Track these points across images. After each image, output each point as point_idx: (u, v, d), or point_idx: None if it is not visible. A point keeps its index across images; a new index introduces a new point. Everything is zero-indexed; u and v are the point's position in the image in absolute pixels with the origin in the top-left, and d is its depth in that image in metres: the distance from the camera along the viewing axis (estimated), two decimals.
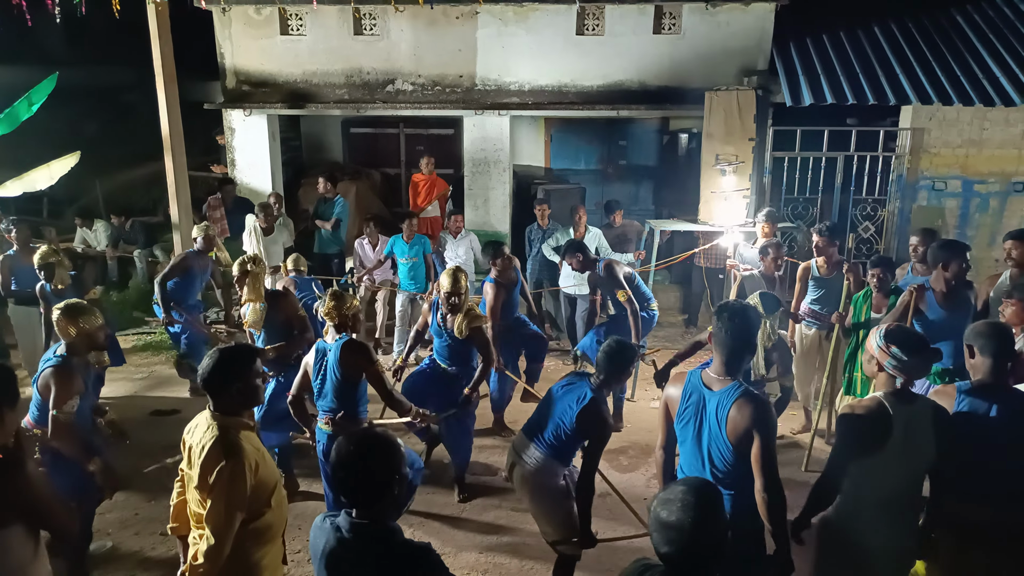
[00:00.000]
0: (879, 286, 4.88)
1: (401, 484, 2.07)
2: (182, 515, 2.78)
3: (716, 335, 2.83)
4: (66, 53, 13.33)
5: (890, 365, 2.80)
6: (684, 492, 1.86)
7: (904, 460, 2.78)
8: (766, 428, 2.69)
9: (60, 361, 3.60)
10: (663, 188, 11.57)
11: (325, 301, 3.96)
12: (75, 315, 3.69)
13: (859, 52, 8.66)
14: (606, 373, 3.51)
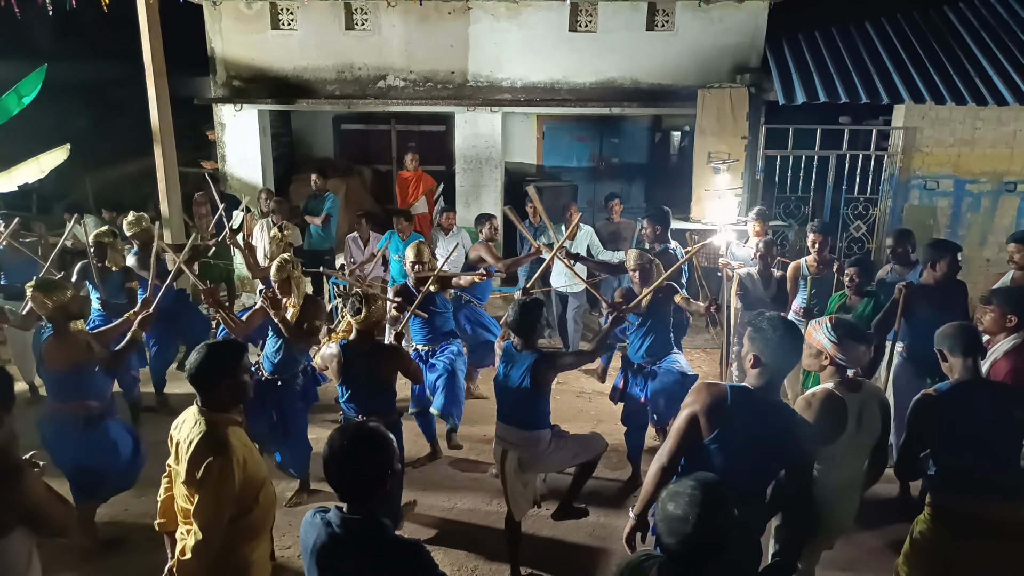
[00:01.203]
0: (853, 287, 4.89)
1: (393, 480, 2.07)
2: (170, 511, 2.76)
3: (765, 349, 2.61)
4: (56, 47, 13.21)
5: (842, 358, 2.91)
6: (693, 487, 1.90)
7: (858, 444, 2.93)
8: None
9: (48, 333, 3.97)
10: (655, 186, 11.58)
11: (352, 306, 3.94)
12: (48, 290, 3.91)
13: (852, 50, 8.67)
14: (523, 333, 3.72)
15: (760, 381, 2.60)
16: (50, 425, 3.99)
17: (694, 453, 2.63)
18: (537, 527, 4.47)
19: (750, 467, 2.55)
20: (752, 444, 2.50)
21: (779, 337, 2.55)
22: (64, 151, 7.38)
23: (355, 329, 3.96)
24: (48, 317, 3.94)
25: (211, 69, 9.53)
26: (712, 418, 2.54)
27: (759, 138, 8.24)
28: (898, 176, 8.17)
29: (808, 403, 2.93)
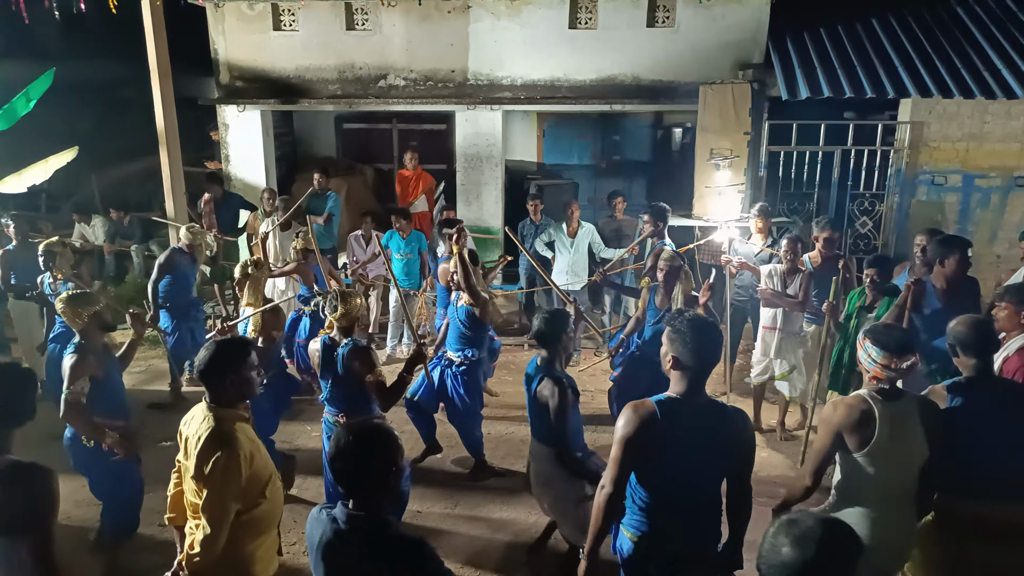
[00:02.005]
0: (873, 286, 4.87)
1: (397, 477, 2.08)
2: (179, 505, 2.80)
3: None
4: (63, 49, 13.26)
5: (871, 365, 2.81)
6: (821, 529, 1.62)
7: (893, 457, 2.75)
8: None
9: (74, 348, 3.78)
10: (657, 183, 11.59)
11: (330, 303, 3.89)
12: (78, 303, 3.84)
13: (857, 45, 8.63)
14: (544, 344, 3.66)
15: (683, 384, 2.53)
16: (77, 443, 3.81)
17: (642, 473, 2.56)
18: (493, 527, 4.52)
19: (699, 475, 2.53)
20: (695, 452, 2.47)
21: (697, 337, 2.49)
22: (72, 152, 7.43)
23: (335, 326, 3.93)
24: (81, 332, 3.83)
25: (214, 70, 9.58)
26: (648, 438, 2.46)
27: (762, 134, 8.24)
28: (905, 172, 8.15)
29: (834, 407, 2.86)
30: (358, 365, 3.74)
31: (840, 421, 2.78)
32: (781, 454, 5.52)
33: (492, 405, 6.32)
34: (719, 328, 2.66)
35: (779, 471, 5.22)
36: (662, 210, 6.43)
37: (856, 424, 2.76)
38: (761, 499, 4.65)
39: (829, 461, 2.85)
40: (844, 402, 2.86)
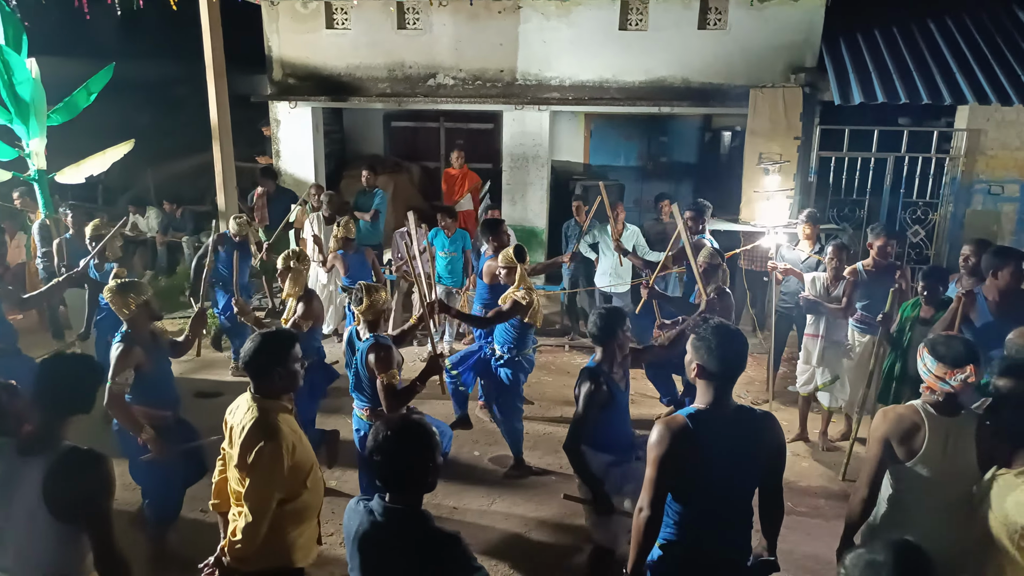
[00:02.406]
0: (928, 298, 4.72)
1: (434, 472, 2.11)
2: (223, 492, 2.86)
3: None
4: (123, 46, 13.72)
5: (926, 375, 2.73)
6: (894, 557, 1.69)
7: (942, 473, 2.67)
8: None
9: (121, 338, 3.80)
10: (704, 186, 11.42)
11: (355, 296, 3.94)
12: (127, 291, 3.83)
13: (913, 49, 8.39)
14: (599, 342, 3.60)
15: (710, 394, 2.49)
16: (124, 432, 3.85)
17: (676, 487, 2.51)
18: (527, 526, 4.50)
19: (733, 484, 2.48)
20: (729, 461, 2.44)
21: (722, 344, 2.44)
22: (128, 145, 7.69)
23: (361, 320, 3.95)
24: (129, 319, 3.82)
25: (268, 67, 9.79)
26: (682, 453, 2.42)
27: (813, 139, 8.07)
28: (960, 180, 7.90)
29: (884, 415, 2.80)
30: (373, 361, 3.75)
31: (888, 430, 2.72)
32: (822, 465, 5.39)
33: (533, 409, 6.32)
34: (743, 335, 2.60)
35: (819, 483, 5.10)
36: (702, 207, 6.55)
37: (904, 434, 2.70)
38: (800, 509, 4.60)
39: (883, 471, 2.78)
40: (895, 411, 2.80)
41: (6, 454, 2.32)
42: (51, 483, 2.24)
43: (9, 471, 2.29)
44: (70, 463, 2.28)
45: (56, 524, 2.24)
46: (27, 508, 2.23)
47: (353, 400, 4.08)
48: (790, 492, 4.62)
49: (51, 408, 2.38)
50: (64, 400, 2.40)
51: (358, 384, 3.96)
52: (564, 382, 6.91)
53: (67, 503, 2.25)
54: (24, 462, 2.28)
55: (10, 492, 2.27)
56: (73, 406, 2.42)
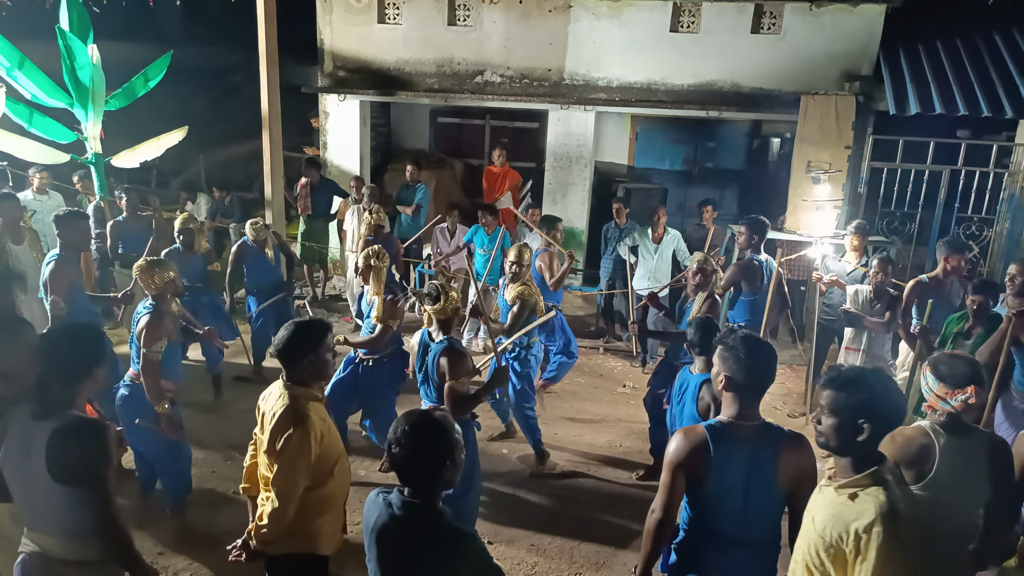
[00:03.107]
0: (977, 313, 4.56)
1: (452, 470, 2.09)
2: (253, 477, 2.91)
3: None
4: (181, 34, 14.14)
5: (927, 393, 2.71)
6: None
7: (951, 494, 2.61)
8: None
9: (151, 309, 4.06)
10: (750, 193, 11.24)
11: (429, 296, 3.90)
12: (153, 268, 4.13)
13: (975, 60, 8.10)
14: (705, 352, 3.60)
15: (736, 407, 2.43)
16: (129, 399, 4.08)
17: (694, 501, 2.49)
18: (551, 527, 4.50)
19: (753, 504, 2.41)
20: (748, 479, 2.37)
21: (751, 355, 2.39)
22: (182, 132, 7.89)
23: (434, 319, 3.92)
24: (153, 295, 4.11)
25: (319, 59, 9.94)
26: (698, 467, 2.38)
27: (865, 149, 7.86)
28: (1019, 196, 7.60)
29: (892, 437, 2.72)
30: (445, 365, 3.69)
31: (896, 453, 2.66)
32: None
33: (563, 409, 6.31)
34: (772, 347, 2.54)
35: None
36: (760, 224, 5.76)
37: (914, 457, 2.64)
38: None
39: None
40: (903, 432, 2.73)
41: (23, 419, 2.40)
42: (52, 448, 2.30)
43: (25, 435, 2.37)
44: (70, 429, 2.33)
45: (60, 488, 2.31)
46: (39, 470, 2.31)
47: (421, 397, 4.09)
48: None
49: (58, 375, 2.44)
50: (69, 367, 2.45)
51: (425, 381, 3.93)
52: (596, 384, 6.88)
53: (66, 468, 2.31)
54: (36, 427, 2.35)
55: (27, 455, 2.35)
56: (78, 373, 2.47)
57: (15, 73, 6.93)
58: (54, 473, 2.30)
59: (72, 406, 2.44)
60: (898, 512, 2.05)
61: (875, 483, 2.10)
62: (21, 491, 2.45)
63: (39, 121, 7.20)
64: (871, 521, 2.04)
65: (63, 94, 7.15)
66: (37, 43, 8.12)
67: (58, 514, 2.37)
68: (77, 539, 2.39)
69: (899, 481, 2.22)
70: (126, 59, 8.79)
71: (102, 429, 2.40)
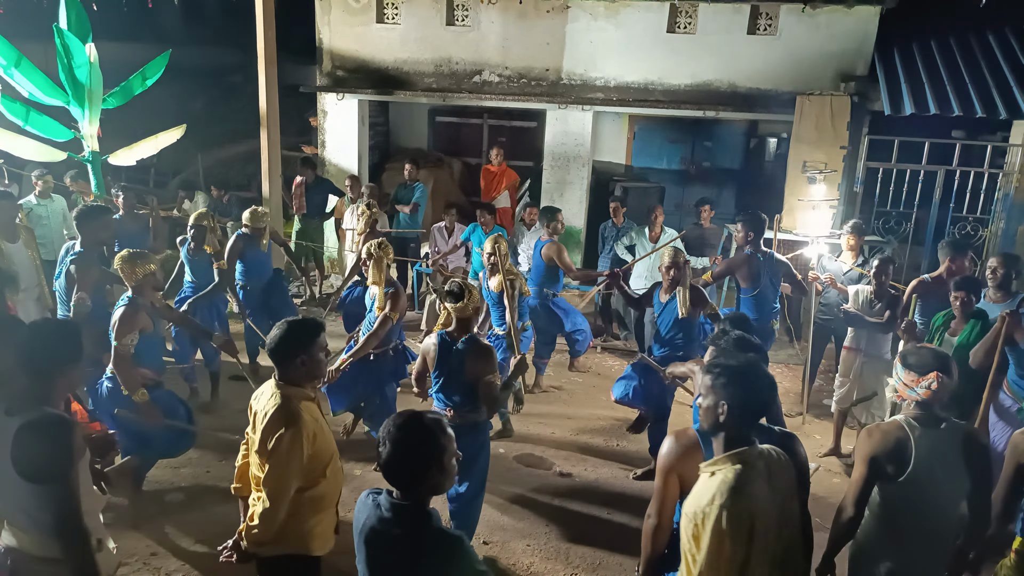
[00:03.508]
0: (962, 309, 4.58)
1: (440, 474, 2.06)
2: (245, 476, 2.91)
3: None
4: (180, 34, 14.14)
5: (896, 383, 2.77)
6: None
7: (931, 487, 2.64)
8: None
9: (127, 302, 4.18)
10: (746, 193, 11.27)
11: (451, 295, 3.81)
12: (135, 261, 4.24)
13: (970, 60, 8.13)
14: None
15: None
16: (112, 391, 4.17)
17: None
18: (547, 528, 4.51)
19: None
20: None
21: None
22: (180, 130, 7.90)
23: (454, 319, 3.83)
24: (133, 287, 4.22)
25: (318, 59, 9.95)
26: (691, 470, 2.36)
27: (860, 149, 7.89)
28: (1013, 196, 7.63)
29: (868, 433, 2.78)
30: (480, 366, 3.64)
31: (874, 448, 2.70)
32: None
33: (561, 408, 6.32)
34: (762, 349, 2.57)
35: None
36: (758, 220, 5.72)
37: (892, 451, 2.67)
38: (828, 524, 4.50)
39: (869, 490, 2.76)
40: (879, 428, 2.78)
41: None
42: (16, 443, 2.29)
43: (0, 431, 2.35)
44: (36, 426, 2.31)
45: (27, 484, 2.31)
46: (9, 467, 2.31)
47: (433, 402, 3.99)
48: (820, 508, 4.55)
49: (31, 372, 2.43)
50: (44, 364, 2.45)
51: (444, 387, 3.82)
52: (594, 383, 6.89)
53: (29, 464, 2.29)
54: (8, 422, 2.34)
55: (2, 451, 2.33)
56: (53, 370, 2.47)
57: (12, 71, 6.94)
58: (18, 469, 2.29)
59: (45, 403, 2.42)
60: (737, 494, 2.11)
61: (734, 463, 2.18)
62: None
63: (36, 119, 7.21)
64: (710, 498, 2.14)
65: (60, 92, 7.16)
66: (37, 43, 8.15)
67: (27, 510, 2.37)
68: (46, 536, 2.39)
69: (773, 469, 2.22)
70: (125, 59, 8.79)
71: (67, 426, 2.39)
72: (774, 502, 2.19)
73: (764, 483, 2.18)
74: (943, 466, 2.65)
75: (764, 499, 2.16)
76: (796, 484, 2.31)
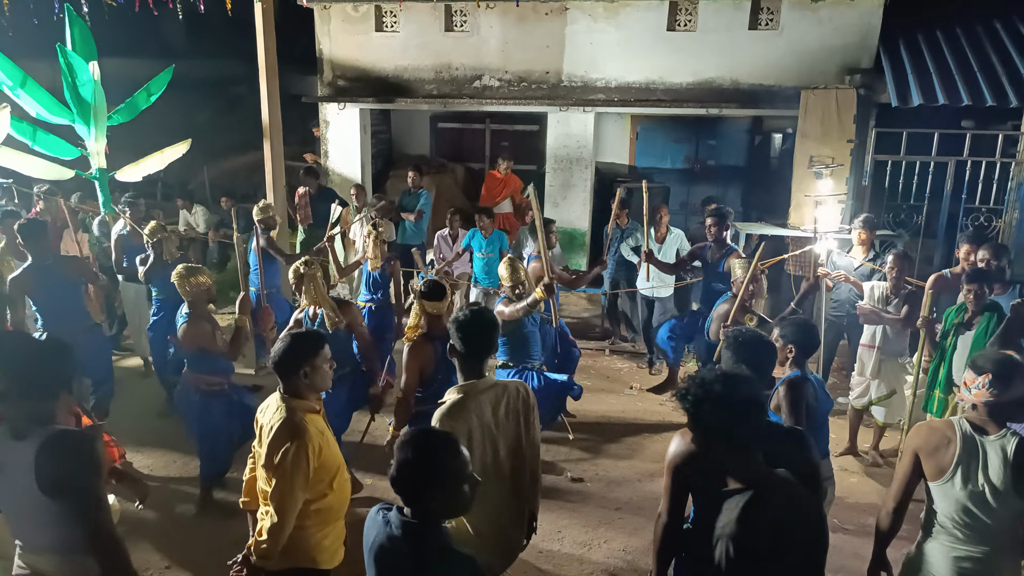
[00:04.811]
0: (976, 302, 4.51)
1: (448, 495, 2.01)
2: (252, 490, 2.90)
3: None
4: (182, 48, 14.24)
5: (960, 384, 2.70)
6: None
7: (976, 493, 2.52)
8: None
9: (186, 317, 4.38)
10: (753, 190, 11.18)
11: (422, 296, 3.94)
12: (190, 274, 4.41)
13: (978, 49, 8.03)
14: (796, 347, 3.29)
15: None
16: (184, 394, 4.51)
17: (699, 502, 2.45)
18: (559, 534, 4.45)
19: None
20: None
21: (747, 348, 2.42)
22: (185, 145, 7.92)
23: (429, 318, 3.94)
24: (189, 302, 4.39)
25: (319, 69, 9.97)
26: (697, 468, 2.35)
27: (868, 142, 7.81)
28: None
29: (918, 429, 2.71)
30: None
31: (919, 443, 2.63)
32: (874, 481, 5.20)
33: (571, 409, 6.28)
34: (770, 344, 2.50)
35: (869, 499, 4.91)
36: (725, 214, 6.17)
37: (934, 449, 2.58)
38: (848, 527, 4.44)
39: (912, 486, 2.68)
40: (929, 424, 2.71)
41: (1, 439, 2.36)
42: (41, 464, 2.27)
43: (4, 455, 2.33)
44: (58, 444, 2.30)
45: (53, 504, 2.29)
46: (25, 490, 2.28)
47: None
48: (838, 509, 4.50)
49: (29, 392, 2.39)
50: (38, 383, 2.41)
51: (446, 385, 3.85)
52: (603, 386, 6.84)
53: (57, 483, 2.28)
54: (15, 446, 2.32)
55: (10, 475, 2.31)
56: (49, 388, 2.44)
57: (18, 91, 6.99)
58: (44, 488, 2.27)
59: (52, 421, 2.40)
60: (451, 414, 2.66)
61: (457, 393, 2.76)
62: (10, 512, 2.43)
63: (43, 138, 7.25)
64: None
65: (65, 111, 7.19)
66: (44, 61, 8.19)
67: (50, 531, 2.35)
68: (72, 556, 2.37)
69: (504, 401, 2.77)
70: (129, 74, 8.84)
71: (89, 439, 2.39)
72: (497, 425, 2.74)
73: (486, 408, 2.72)
74: (989, 475, 2.51)
75: (482, 421, 2.70)
76: (528, 418, 2.83)
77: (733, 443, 2.13)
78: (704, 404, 2.13)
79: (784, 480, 2.15)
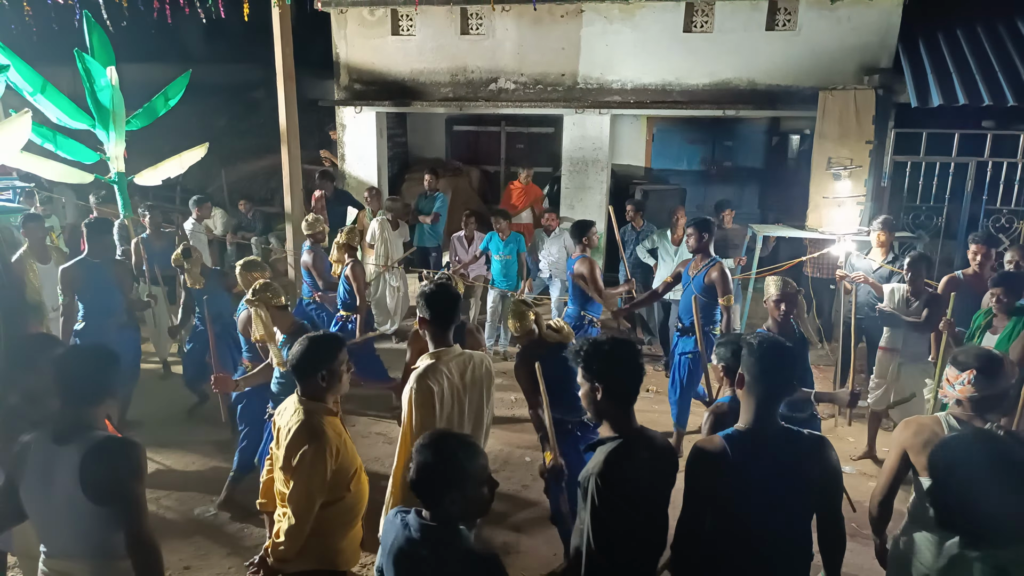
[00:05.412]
0: (1002, 307, 4.44)
1: (473, 492, 2.01)
2: (270, 492, 2.92)
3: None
4: (200, 53, 14.38)
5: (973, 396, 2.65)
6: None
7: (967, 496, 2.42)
8: None
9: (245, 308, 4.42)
10: (770, 192, 11.10)
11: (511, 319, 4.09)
12: (251, 269, 4.70)
13: (998, 48, 7.92)
14: None
15: (752, 412, 2.36)
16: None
17: (717, 511, 2.39)
18: None
19: (777, 514, 2.33)
20: (770, 490, 2.29)
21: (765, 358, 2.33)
22: (203, 149, 7.99)
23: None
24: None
25: (335, 73, 10.03)
26: (719, 477, 2.32)
27: (887, 143, 7.73)
28: None
29: (906, 424, 2.75)
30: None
31: (906, 439, 2.68)
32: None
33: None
34: (793, 351, 2.47)
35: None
36: (709, 223, 5.53)
37: (922, 445, 2.61)
38: (866, 532, 4.36)
39: (899, 480, 2.74)
40: (916, 420, 2.76)
41: (42, 443, 2.40)
42: (87, 469, 2.30)
43: (46, 459, 2.37)
44: (104, 450, 2.33)
45: (95, 509, 2.31)
46: (66, 494, 2.31)
47: None
48: (857, 514, 4.43)
49: (75, 398, 2.44)
50: (85, 390, 2.45)
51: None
52: None
53: (102, 488, 2.31)
54: (59, 450, 2.35)
55: (49, 479, 2.35)
56: (96, 395, 2.48)
57: (38, 97, 7.08)
58: (91, 494, 2.30)
59: (94, 427, 2.44)
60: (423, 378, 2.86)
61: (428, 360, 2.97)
62: (42, 516, 2.44)
63: (63, 143, 7.34)
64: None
65: (85, 116, 7.28)
66: (65, 67, 8.30)
67: (87, 536, 2.37)
68: (105, 561, 2.39)
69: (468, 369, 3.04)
70: (147, 80, 8.93)
71: (135, 446, 2.42)
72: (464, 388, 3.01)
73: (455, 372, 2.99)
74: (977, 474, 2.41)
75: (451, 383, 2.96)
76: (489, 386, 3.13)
77: (615, 397, 2.36)
78: (593, 361, 2.36)
79: (651, 436, 2.41)
